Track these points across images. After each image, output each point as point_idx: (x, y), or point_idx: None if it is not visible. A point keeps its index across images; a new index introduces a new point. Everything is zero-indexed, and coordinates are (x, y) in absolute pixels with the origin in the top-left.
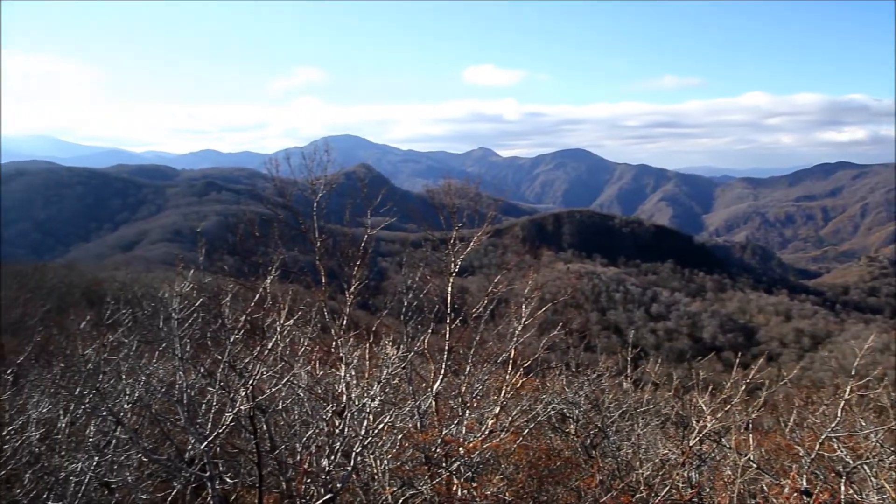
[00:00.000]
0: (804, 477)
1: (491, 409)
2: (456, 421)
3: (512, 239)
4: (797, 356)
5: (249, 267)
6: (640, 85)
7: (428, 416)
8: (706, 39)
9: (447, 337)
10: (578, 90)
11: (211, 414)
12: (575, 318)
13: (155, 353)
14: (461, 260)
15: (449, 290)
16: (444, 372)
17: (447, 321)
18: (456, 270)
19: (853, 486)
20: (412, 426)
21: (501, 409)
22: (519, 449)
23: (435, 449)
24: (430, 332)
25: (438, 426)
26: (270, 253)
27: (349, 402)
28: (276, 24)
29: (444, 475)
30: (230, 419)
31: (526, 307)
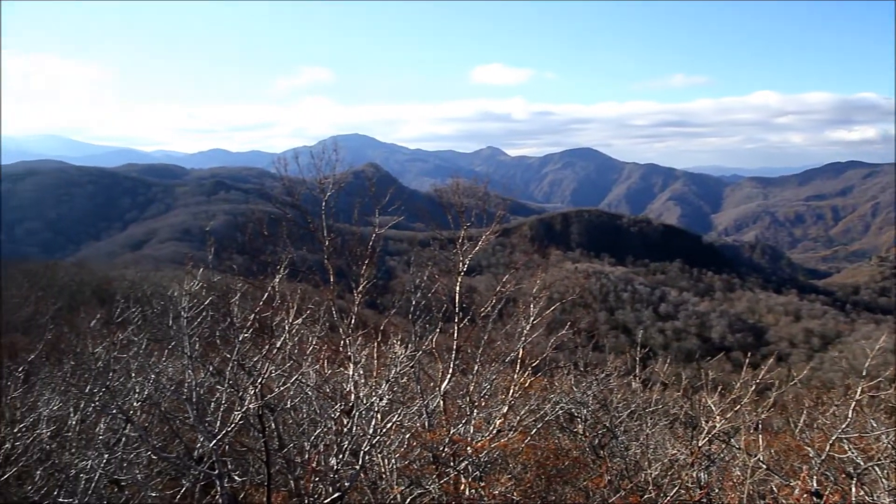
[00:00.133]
0: (814, 478)
1: (499, 408)
2: (464, 420)
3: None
4: (807, 356)
5: (258, 266)
6: (648, 84)
7: (436, 415)
8: (715, 38)
9: (455, 336)
10: (586, 89)
11: (220, 412)
12: (583, 317)
13: (164, 351)
14: (469, 259)
15: (457, 289)
16: (452, 371)
17: (455, 320)
18: (464, 270)
19: (864, 487)
20: (420, 425)
21: (509, 408)
22: (527, 448)
23: (443, 448)
24: (438, 331)
25: (446, 425)
26: (279, 252)
27: (357, 400)
28: (283, 23)
29: (451, 474)
30: (239, 417)
31: (534, 306)
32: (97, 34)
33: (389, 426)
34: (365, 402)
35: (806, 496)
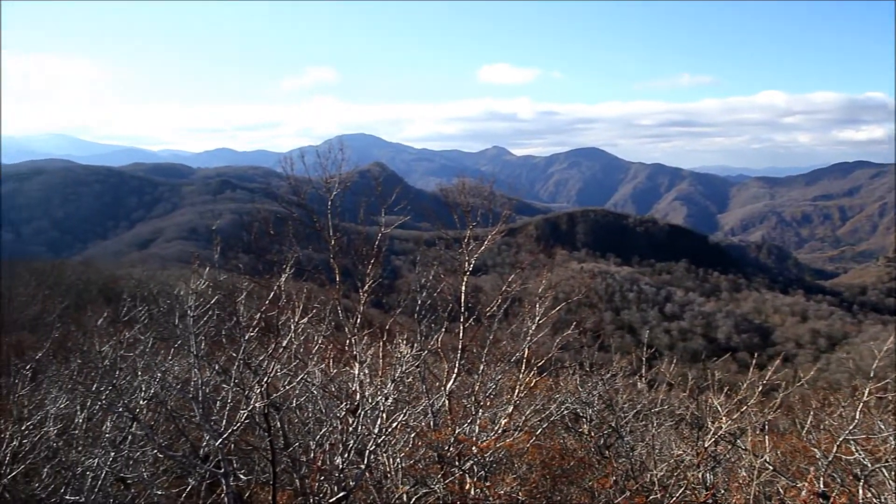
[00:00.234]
0: (821, 480)
1: (504, 408)
2: (469, 420)
3: (526, 238)
4: (813, 357)
5: (264, 265)
6: (654, 83)
7: (441, 414)
8: (722, 37)
9: (461, 336)
10: (592, 89)
11: (226, 411)
12: (589, 317)
13: (170, 350)
14: (475, 259)
15: (463, 288)
16: (457, 371)
17: (461, 320)
18: (470, 269)
19: (871, 489)
20: (425, 425)
21: (515, 408)
22: (532, 448)
23: (448, 448)
24: (443, 330)
25: (452, 425)
26: (285, 251)
27: (363, 400)
28: (291, 23)
29: (457, 474)
30: (245, 416)
31: (540, 306)
32: (104, 33)
33: (395, 425)
34: (370, 401)
35: (813, 498)
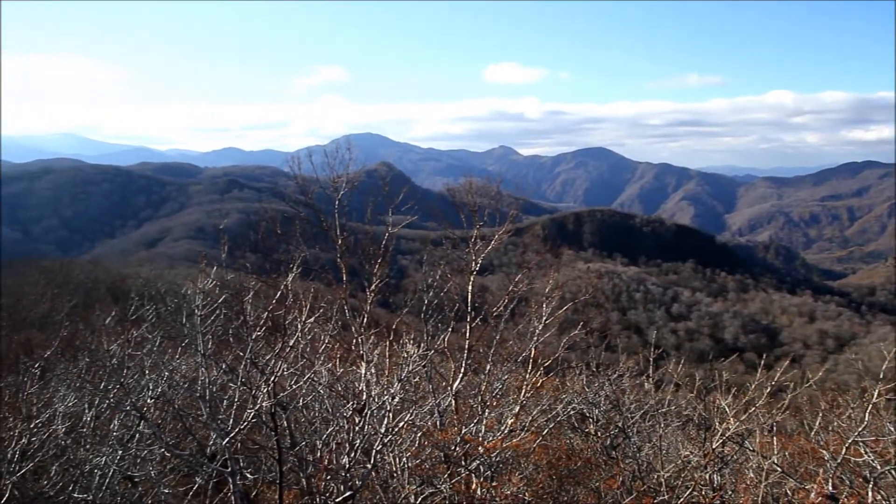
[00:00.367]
0: (830, 482)
1: (511, 408)
2: (475, 420)
3: (532, 238)
4: (821, 358)
5: (271, 264)
6: (662, 83)
7: (447, 414)
8: (730, 37)
9: (467, 335)
10: (600, 88)
11: (232, 410)
12: (595, 317)
13: (178, 348)
14: (482, 258)
15: (469, 288)
16: (463, 370)
17: (467, 320)
18: (476, 269)
19: (881, 491)
20: (432, 424)
21: (521, 408)
22: (539, 449)
23: (454, 447)
24: (450, 330)
25: (458, 425)
26: (292, 250)
27: (369, 399)
28: (297, 23)
29: (463, 474)
30: (251, 415)
31: (546, 306)
32: (114, 33)
33: (401, 425)
34: (377, 400)
35: (822, 500)
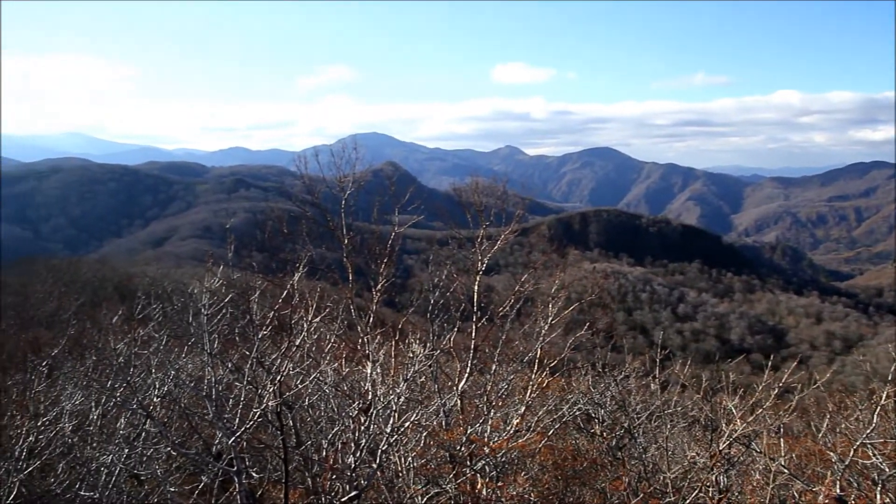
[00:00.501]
0: (837, 484)
1: (516, 408)
2: (481, 420)
3: (538, 238)
4: (828, 359)
5: (277, 263)
6: (668, 83)
7: (453, 414)
8: (737, 37)
9: (473, 335)
10: (606, 88)
11: (238, 409)
12: (601, 317)
13: (184, 347)
14: (488, 258)
15: (475, 288)
16: (469, 370)
17: (473, 320)
18: (482, 269)
19: (889, 494)
20: (437, 424)
21: (527, 408)
22: (544, 449)
23: (460, 448)
24: (456, 330)
25: (464, 425)
26: (298, 250)
27: (375, 399)
28: (304, 22)
29: (468, 474)
30: (257, 415)
31: (552, 306)
32: (122, 32)
33: (407, 425)
34: (382, 400)
35: (829, 502)
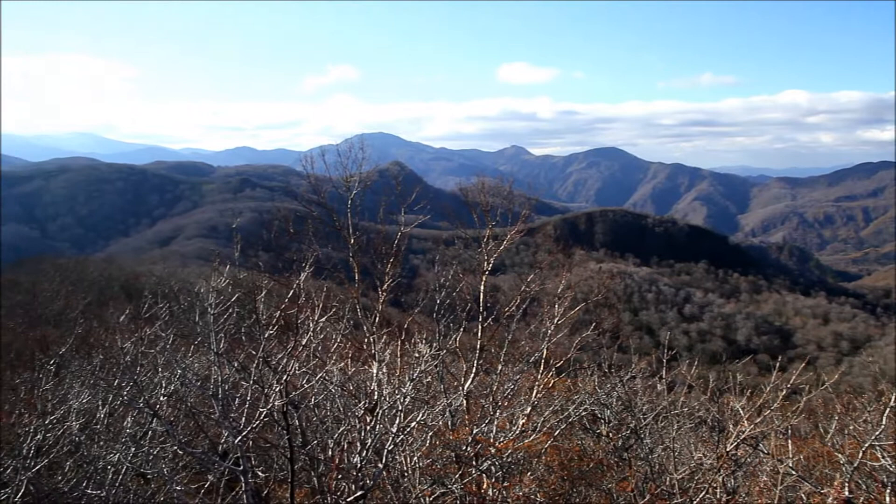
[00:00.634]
0: (846, 486)
1: (522, 408)
2: (487, 420)
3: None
4: (835, 360)
5: (284, 263)
6: (675, 83)
7: (459, 414)
8: (744, 37)
9: (479, 335)
10: (613, 88)
11: (245, 408)
12: (607, 318)
13: (191, 347)
14: (494, 258)
15: (481, 288)
16: (475, 370)
17: (479, 320)
18: (489, 269)
19: None
20: (443, 424)
21: (533, 408)
22: (550, 449)
23: (466, 448)
24: (461, 330)
25: (469, 425)
26: (305, 249)
27: (381, 399)
28: (311, 22)
29: (474, 474)
30: (263, 414)
31: (558, 306)
32: (128, 33)
33: (413, 425)
34: (388, 400)
35: None
